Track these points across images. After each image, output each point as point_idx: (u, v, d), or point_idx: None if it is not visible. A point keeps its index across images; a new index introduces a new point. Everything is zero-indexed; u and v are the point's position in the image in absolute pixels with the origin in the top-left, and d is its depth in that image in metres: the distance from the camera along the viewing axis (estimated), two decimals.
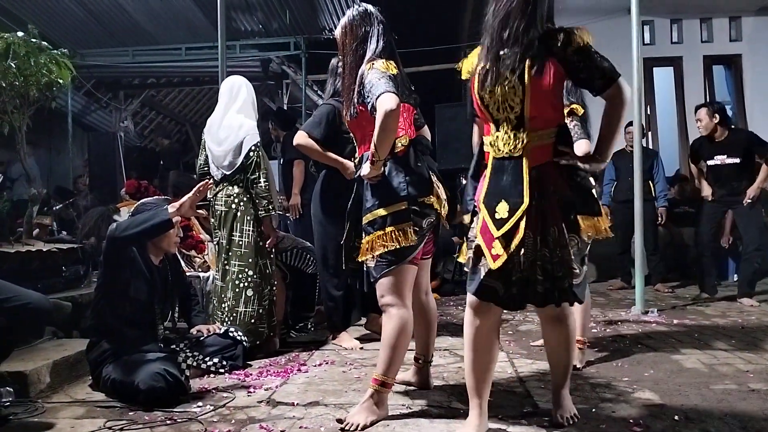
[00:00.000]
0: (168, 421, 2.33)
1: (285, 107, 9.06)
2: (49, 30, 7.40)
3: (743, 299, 4.92)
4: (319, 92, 9.74)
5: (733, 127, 5.34)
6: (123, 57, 8.62)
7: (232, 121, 3.48)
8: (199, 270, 4.27)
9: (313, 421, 2.29)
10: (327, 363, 3.25)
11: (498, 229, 1.95)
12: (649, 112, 7.53)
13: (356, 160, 2.54)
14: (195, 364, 3.00)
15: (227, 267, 3.45)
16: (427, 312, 2.62)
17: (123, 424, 2.29)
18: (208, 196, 3.47)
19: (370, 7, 2.51)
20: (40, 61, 3.68)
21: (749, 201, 4.85)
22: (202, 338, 3.14)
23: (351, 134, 2.62)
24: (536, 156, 2.00)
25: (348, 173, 3.32)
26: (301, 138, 3.45)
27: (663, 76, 7.73)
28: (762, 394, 2.51)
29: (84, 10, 7.47)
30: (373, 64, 2.32)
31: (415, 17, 9.66)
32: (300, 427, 2.23)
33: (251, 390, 2.74)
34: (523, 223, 1.93)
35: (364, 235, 2.35)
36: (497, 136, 2.03)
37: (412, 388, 2.70)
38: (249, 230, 3.44)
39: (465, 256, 2.11)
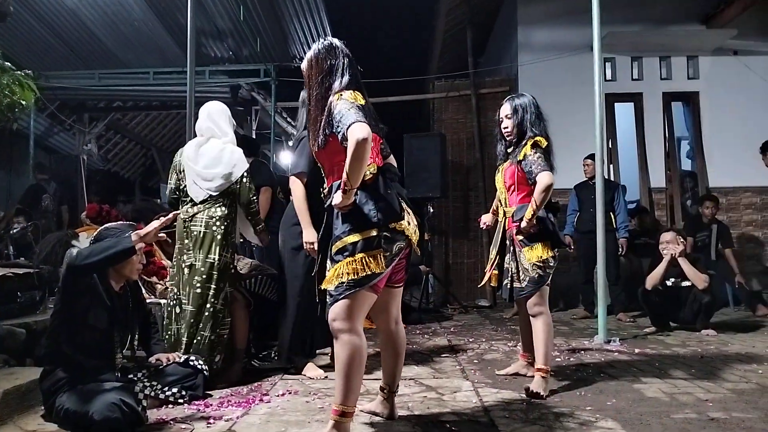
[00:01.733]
0: None
1: (254, 134, 9.06)
2: (14, 51, 7.29)
3: (703, 330, 5.03)
4: (288, 119, 9.76)
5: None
6: (89, 79, 8.53)
7: (222, 146, 3.54)
8: (160, 297, 4.18)
9: None
10: (290, 393, 3.20)
11: None
12: (610, 146, 7.74)
13: (325, 191, 2.54)
14: (153, 393, 2.91)
15: (200, 290, 3.39)
16: (395, 342, 2.60)
17: None
18: (181, 216, 3.46)
19: (335, 41, 2.54)
20: (3, 82, 3.62)
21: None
22: (161, 367, 3.06)
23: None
24: None
25: (308, 237, 3.38)
26: (296, 184, 3.50)
27: (624, 112, 7.96)
28: (721, 422, 2.55)
29: (50, 32, 7.39)
30: (341, 94, 2.35)
31: (385, 49, 9.80)
32: None
33: (211, 421, 2.67)
34: None
35: (331, 263, 2.33)
36: None
37: (376, 418, 2.67)
38: (226, 255, 3.46)
39: None
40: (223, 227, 3.45)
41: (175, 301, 3.47)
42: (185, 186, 3.52)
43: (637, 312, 6.08)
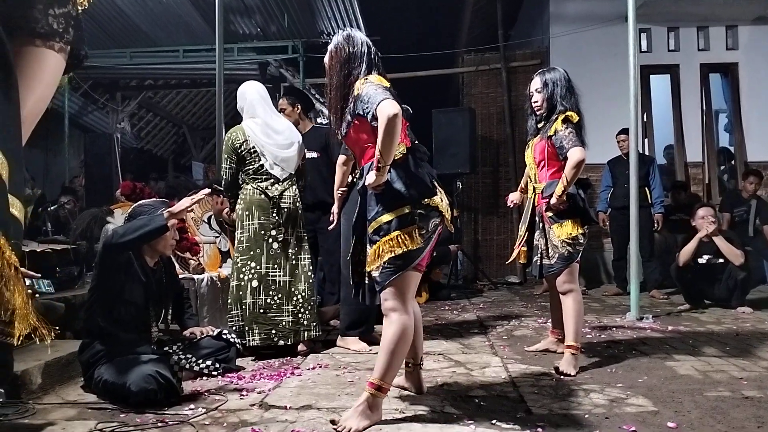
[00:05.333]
0: (159, 424, 2.32)
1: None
2: None
3: (738, 307, 4.94)
4: (317, 96, 9.75)
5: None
6: (121, 58, 8.62)
7: (287, 124, 3.75)
8: (194, 272, 4.25)
9: (306, 425, 2.28)
10: (320, 366, 3.25)
11: None
12: (645, 120, 7.55)
13: (357, 175, 2.56)
14: (188, 366, 2.99)
15: (295, 261, 3.60)
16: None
17: (114, 426, 2.28)
18: (270, 194, 3.56)
19: (353, 31, 2.62)
20: None
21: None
22: (195, 340, 3.13)
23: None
24: None
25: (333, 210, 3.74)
26: (344, 161, 3.63)
27: (660, 84, 7.75)
28: (755, 401, 2.51)
29: (82, 11, 7.46)
30: (366, 78, 2.42)
31: (413, 22, 9.68)
32: (292, 431, 2.22)
33: (244, 393, 2.73)
34: None
35: (369, 245, 2.36)
36: None
37: (405, 392, 2.70)
38: (304, 228, 3.73)
39: None
40: (300, 202, 3.69)
41: (252, 275, 3.50)
42: (260, 166, 3.57)
43: (671, 289, 5.98)
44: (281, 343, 3.49)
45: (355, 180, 2.59)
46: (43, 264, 3.71)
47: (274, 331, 3.48)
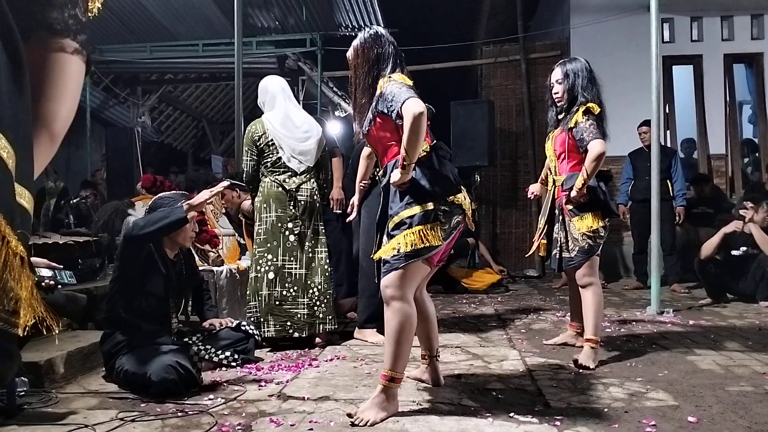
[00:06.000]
0: (179, 414, 2.35)
1: (301, 104, 9.09)
2: None
3: (762, 301, 4.86)
4: (335, 89, 9.76)
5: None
6: (141, 53, 8.70)
7: (306, 118, 3.74)
8: (213, 264, 4.29)
9: (324, 416, 2.29)
10: (338, 358, 3.26)
11: None
12: (668, 111, 7.44)
13: (380, 173, 2.55)
14: (207, 357, 3.03)
15: (311, 255, 3.60)
16: (423, 308, 2.62)
17: (135, 416, 2.31)
18: (287, 187, 3.58)
19: (380, 30, 2.60)
20: None
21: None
22: (214, 331, 3.16)
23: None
24: None
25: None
26: (369, 154, 3.63)
27: (682, 75, 7.63)
28: None
29: (103, 6, 7.53)
30: (390, 77, 2.41)
31: (432, 14, 9.63)
32: (310, 422, 2.23)
33: (262, 384, 2.76)
34: None
35: (387, 240, 2.35)
36: None
37: (422, 384, 2.70)
38: (322, 221, 3.73)
39: None
40: (319, 196, 3.70)
41: (269, 267, 3.54)
42: (278, 158, 3.60)
43: (693, 283, 5.90)
44: (296, 335, 3.52)
45: (378, 177, 2.58)
46: (65, 256, 3.76)
47: (289, 323, 3.51)
